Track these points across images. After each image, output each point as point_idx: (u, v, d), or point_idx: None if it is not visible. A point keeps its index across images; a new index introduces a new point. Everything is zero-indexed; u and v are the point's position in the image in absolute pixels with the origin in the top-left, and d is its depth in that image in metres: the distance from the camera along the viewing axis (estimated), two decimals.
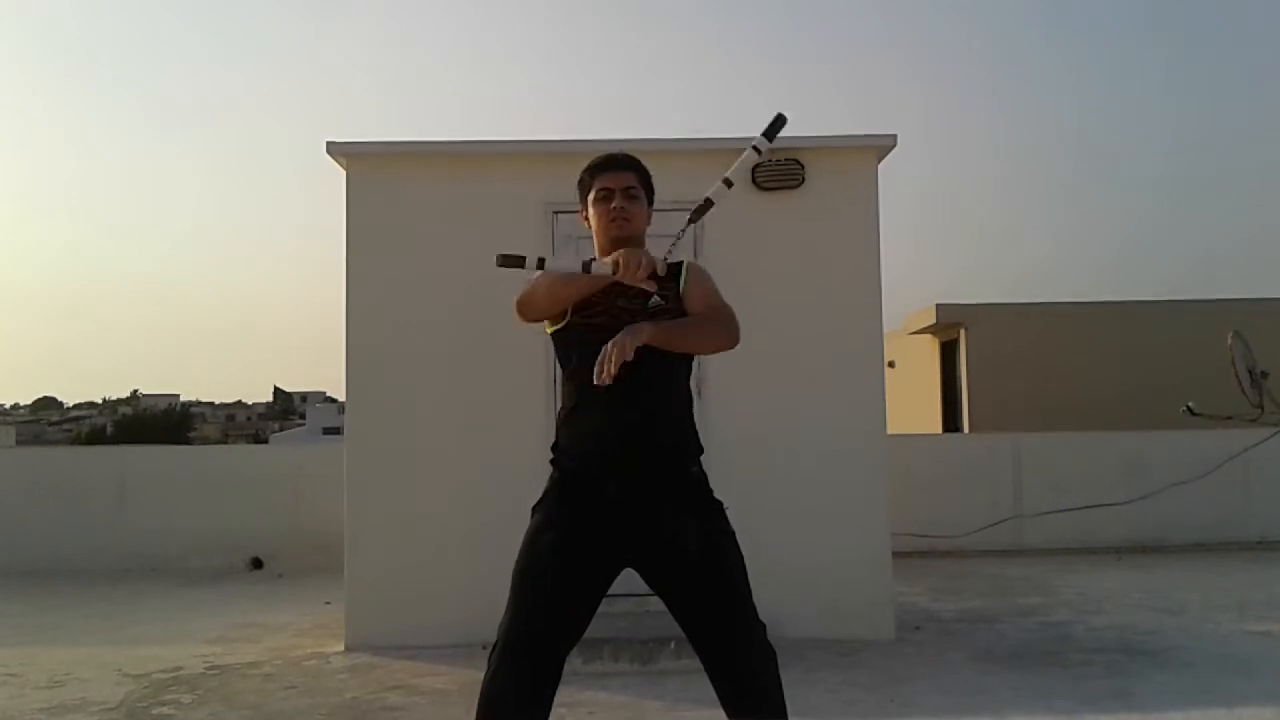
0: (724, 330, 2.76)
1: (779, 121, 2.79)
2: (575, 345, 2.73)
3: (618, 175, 2.83)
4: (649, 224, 2.88)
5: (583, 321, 2.72)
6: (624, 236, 2.78)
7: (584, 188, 2.88)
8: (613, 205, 2.79)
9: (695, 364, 2.89)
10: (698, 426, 2.85)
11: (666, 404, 2.75)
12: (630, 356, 2.54)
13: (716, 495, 2.79)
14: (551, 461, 2.80)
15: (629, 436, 2.69)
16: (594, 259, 2.67)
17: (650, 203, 2.90)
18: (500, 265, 2.57)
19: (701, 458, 2.80)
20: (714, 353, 2.85)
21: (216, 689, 5.08)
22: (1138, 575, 8.18)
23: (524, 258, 2.57)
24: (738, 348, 2.79)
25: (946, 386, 15.88)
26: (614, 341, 2.55)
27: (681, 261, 2.90)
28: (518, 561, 2.70)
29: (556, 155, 6.13)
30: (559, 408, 2.85)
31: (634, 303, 2.72)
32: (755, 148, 2.79)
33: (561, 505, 2.72)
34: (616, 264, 2.56)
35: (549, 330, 2.82)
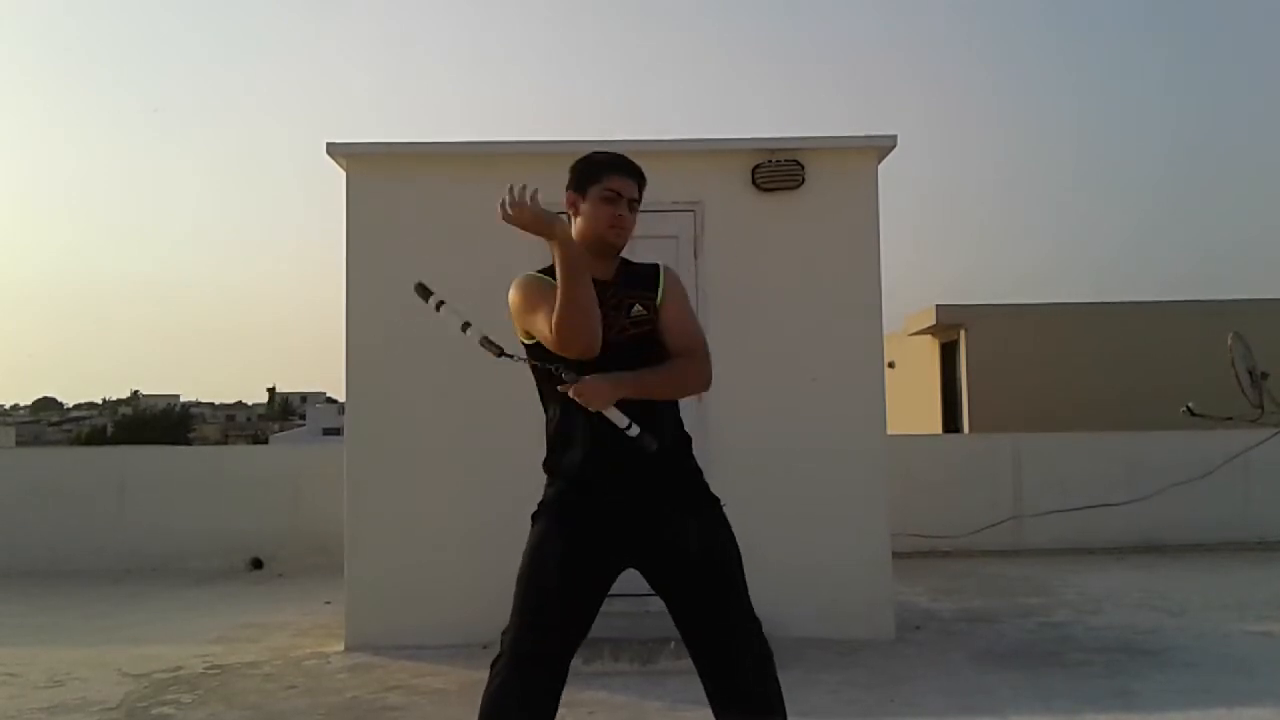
0: (699, 375, 2.76)
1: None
2: (556, 358, 2.67)
3: (629, 183, 2.80)
4: (634, 227, 2.86)
5: None
6: (619, 246, 2.79)
7: (590, 178, 2.80)
8: (618, 213, 2.77)
9: None
10: (699, 428, 2.85)
11: (656, 403, 2.73)
12: (598, 407, 2.58)
13: (712, 490, 2.79)
14: (546, 471, 2.79)
15: (623, 443, 2.66)
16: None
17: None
18: (421, 292, 2.71)
19: (691, 446, 2.80)
20: (684, 397, 2.80)
21: (216, 689, 5.08)
22: (1138, 575, 8.17)
23: (431, 293, 2.76)
24: (737, 351, 2.79)
25: (946, 387, 15.88)
26: (584, 390, 2.57)
27: (657, 265, 2.87)
28: (521, 571, 2.70)
29: (556, 155, 6.08)
30: (546, 419, 2.82)
31: (616, 312, 2.71)
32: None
33: (563, 514, 2.72)
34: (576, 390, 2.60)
35: (524, 344, 2.80)
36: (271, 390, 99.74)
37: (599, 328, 2.60)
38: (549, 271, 2.75)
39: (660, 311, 2.76)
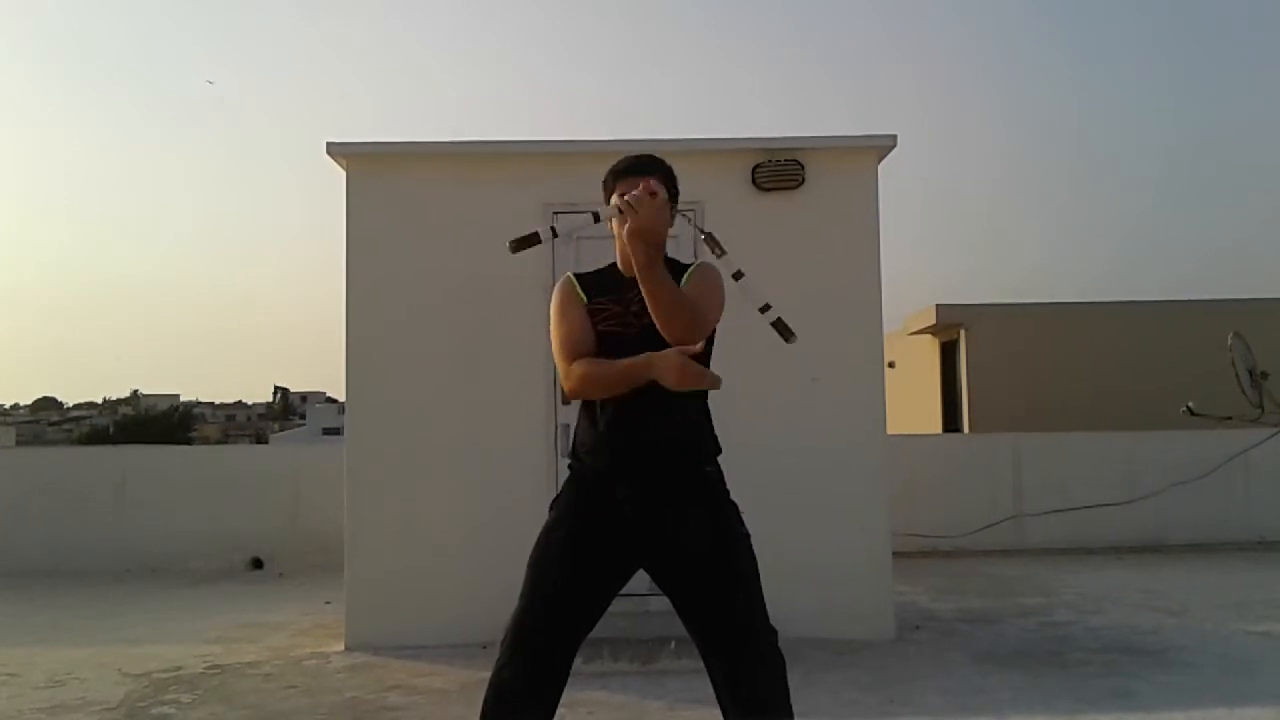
0: (685, 319, 2.60)
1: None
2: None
3: (640, 181, 2.78)
4: (671, 226, 2.86)
5: (596, 329, 2.74)
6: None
7: (607, 190, 2.84)
8: None
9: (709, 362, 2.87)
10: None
11: (680, 402, 2.74)
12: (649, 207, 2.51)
13: (732, 496, 2.79)
14: (569, 464, 2.83)
15: (639, 436, 2.69)
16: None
17: (674, 203, 2.87)
18: (516, 250, 2.58)
19: (719, 457, 2.80)
20: (670, 331, 2.61)
21: (216, 689, 5.08)
22: (1138, 575, 8.17)
23: (536, 233, 2.59)
24: (737, 351, 2.77)
25: (946, 387, 15.87)
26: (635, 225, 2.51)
27: (694, 262, 2.88)
28: (531, 554, 2.73)
29: (556, 155, 6.14)
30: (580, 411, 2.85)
31: (642, 308, 2.71)
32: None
33: (573, 504, 2.76)
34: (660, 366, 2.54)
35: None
36: (281, 389, 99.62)
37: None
38: (590, 275, 2.84)
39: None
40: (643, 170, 2.83)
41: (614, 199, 2.54)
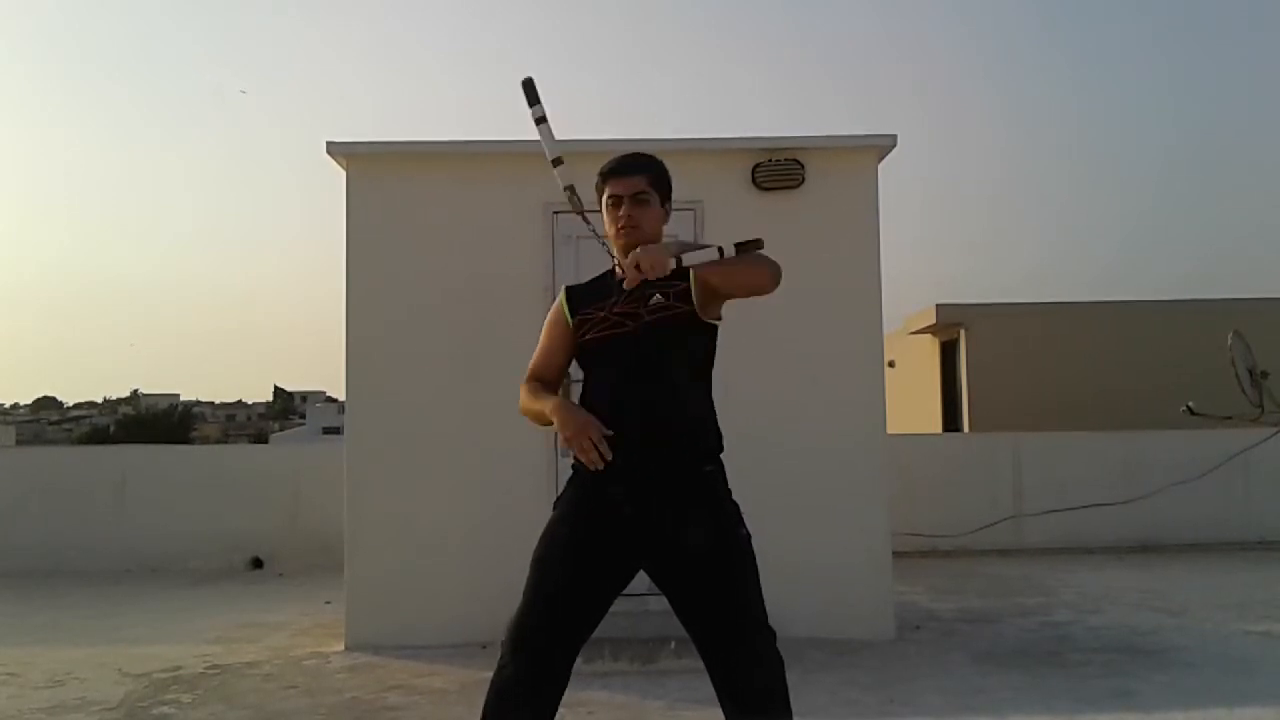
0: (754, 269, 2.66)
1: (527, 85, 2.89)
2: (584, 359, 2.85)
3: (626, 180, 2.81)
4: (666, 222, 2.88)
5: (585, 337, 2.80)
6: (632, 244, 2.76)
7: (598, 191, 2.88)
8: (620, 213, 2.79)
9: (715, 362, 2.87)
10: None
11: (681, 403, 2.74)
12: (658, 273, 2.54)
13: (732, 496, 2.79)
14: (571, 464, 2.84)
15: (639, 434, 2.69)
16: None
17: (667, 199, 2.89)
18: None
19: (721, 455, 2.80)
20: (752, 291, 2.71)
21: (216, 689, 5.08)
22: (1138, 575, 8.18)
23: (539, 100, 2.82)
24: (737, 351, 2.77)
25: (946, 386, 15.88)
26: (642, 260, 2.53)
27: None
28: (533, 554, 2.74)
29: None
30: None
31: (635, 306, 2.73)
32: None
33: (575, 503, 2.77)
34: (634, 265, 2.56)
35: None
36: (280, 390, 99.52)
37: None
38: (582, 286, 2.91)
39: (693, 285, 2.72)
40: (632, 169, 2.84)
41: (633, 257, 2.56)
